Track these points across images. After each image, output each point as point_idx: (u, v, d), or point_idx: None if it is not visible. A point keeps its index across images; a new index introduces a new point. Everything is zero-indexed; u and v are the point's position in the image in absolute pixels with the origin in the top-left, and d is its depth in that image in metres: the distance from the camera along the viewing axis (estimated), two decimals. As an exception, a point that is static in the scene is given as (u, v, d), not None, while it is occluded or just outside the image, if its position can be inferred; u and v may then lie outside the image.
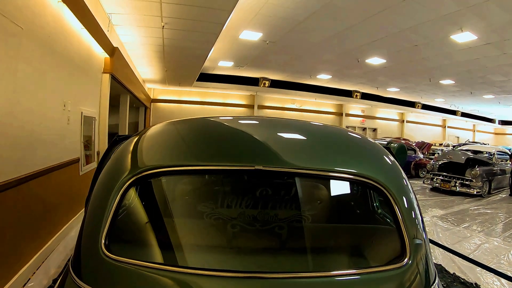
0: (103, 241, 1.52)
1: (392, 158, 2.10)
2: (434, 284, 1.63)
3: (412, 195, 1.87)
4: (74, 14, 5.48)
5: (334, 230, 2.06)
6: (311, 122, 2.67)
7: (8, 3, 3.47)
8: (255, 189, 1.84)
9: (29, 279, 4.21)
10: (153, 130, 2.20)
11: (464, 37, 10.81)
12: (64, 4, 5.07)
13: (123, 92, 11.85)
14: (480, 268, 5.49)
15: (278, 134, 2.17)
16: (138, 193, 1.78)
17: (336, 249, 1.93)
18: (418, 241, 1.65)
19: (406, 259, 1.57)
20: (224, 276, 1.47)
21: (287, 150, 1.86)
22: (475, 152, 14.02)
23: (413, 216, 1.74)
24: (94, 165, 7.37)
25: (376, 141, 2.47)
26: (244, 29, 11.25)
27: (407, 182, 1.94)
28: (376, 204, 2.18)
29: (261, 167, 1.66)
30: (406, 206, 1.73)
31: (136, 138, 2.07)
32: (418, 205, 1.87)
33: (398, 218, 1.67)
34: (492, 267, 5.58)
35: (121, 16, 8.18)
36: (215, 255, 1.78)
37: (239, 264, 1.74)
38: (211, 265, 1.62)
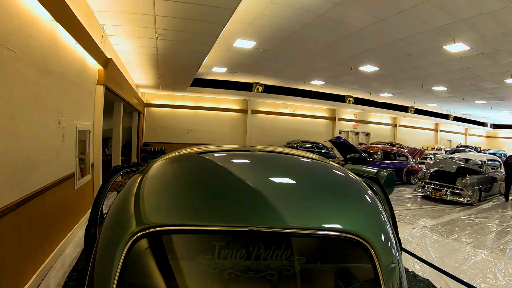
0: None
1: (376, 200, 2.21)
2: None
3: (395, 247, 1.96)
4: (68, 30, 5.52)
5: (322, 276, 2.17)
6: (302, 160, 2.79)
7: (1, 29, 3.50)
8: (249, 243, 1.96)
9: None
10: (154, 175, 2.30)
11: (457, 47, 10.98)
12: (58, 23, 5.11)
13: (116, 99, 11.86)
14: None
15: (271, 184, 2.28)
16: (142, 246, 1.90)
17: None
18: None
19: None
20: None
21: (278, 207, 1.98)
22: (466, 160, 14.15)
23: (394, 273, 1.84)
24: (89, 177, 7.40)
25: (365, 168, 2.53)
26: (238, 38, 11.33)
27: (391, 231, 2.03)
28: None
29: (254, 228, 1.81)
30: (388, 264, 1.83)
31: (138, 180, 2.18)
32: (400, 259, 1.96)
33: (379, 276, 1.78)
34: (478, 281, 5.69)
35: (115, 27, 8.22)
36: None
37: None
38: None
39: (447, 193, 12.23)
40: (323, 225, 1.89)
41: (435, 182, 12.89)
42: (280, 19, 9.37)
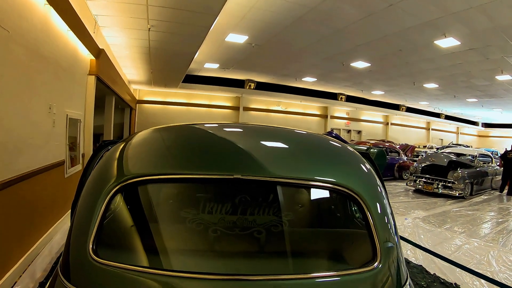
0: (90, 246, 1.59)
1: (368, 167, 2.17)
2: (406, 285, 1.71)
3: (385, 202, 1.93)
4: (61, 16, 5.50)
5: (311, 235, 2.15)
6: (295, 130, 2.74)
7: (-6, 7, 3.47)
8: (234, 196, 1.92)
9: (16, 282, 4.20)
10: (138, 137, 2.26)
11: (447, 42, 11.03)
12: (51, 7, 5.09)
13: (108, 93, 11.81)
14: (459, 269, 5.60)
15: (260, 142, 2.25)
16: (124, 199, 1.85)
17: (312, 253, 2.01)
18: (389, 246, 1.73)
19: (376, 263, 1.65)
20: (206, 279, 1.55)
21: (266, 159, 1.94)
22: (458, 155, 14.23)
23: (385, 222, 1.81)
24: (79, 167, 7.35)
25: (356, 146, 2.52)
26: (230, 32, 11.31)
27: (382, 189, 2.01)
28: (354, 209, 2.25)
29: (239, 176, 1.75)
30: (378, 212, 1.80)
31: (122, 145, 2.13)
32: (391, 212, 1.94)
33: (370, 224, 1.75)
34: (471, 267, 5.70)
35: (108, 18, 8.17)
36: (197, 258, 1.86)
37: (220, 267, 1.80)
38: (194, 268, 1.68)
39: (439, 186, 12.29)
40: (311, 176, 1.85)
41: (427, 176, 12.94)
42: (272, 13, 9.37)
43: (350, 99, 25.12)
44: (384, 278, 1.66)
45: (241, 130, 2.60)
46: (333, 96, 24.24)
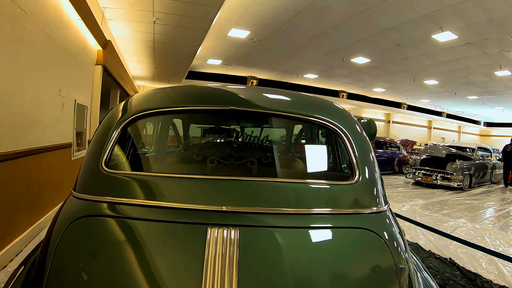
0: (104, 158, 1.77)
1: (356, 120, 2.34)
2: (385, 206, 1.87)
3: (365, 137, 2.11)
4: (72, 4, 5.75)
5: (300, 163, 2.44)
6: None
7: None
8: (229, 130, 2.17)
9: (22, 250, 4.42)
10: (142, 92, 2.51)
11: (444, 36, 11.20)
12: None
13: (113, 86, 12.02)
14: (454, 244, 5.76)
15: (255, 89, 2.52)
16: (134, 130, 2.14)
17: (302, 175, 2.25)
18: (367, 166, 1.91)
19: (356, 177, 1.84)
20: (205, 178, 1.77)
21: (260, 97, 2.20)
22: (458, 148, 14.35)
23: (364, 151, 1.98)
24: (85, 152, 7.55)
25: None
26: (232, 27, 11.56)
27: (365, 135, 2.18)
28: (339, 145, 2.45)
29: (234, 107, 1.97)
30: (357, 140, 1.99)
31: (129, 97, 2.37)
32: (371, 147, 2.10)
33: (347, 147, 1.95)
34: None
35: (115, 11, 8.41)
36: (195, 167, 2.20)
37: (218, 174, 2.07)
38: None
39: (438, 177, 12.45)
40: (300, 111, 2.08)
41: (426, 167, 13.10)
42: (272, 7, 9.61)
43: (352, 96, 25.32)
44: (364, 191, 1.86)
45: (242, 86, 2.84)
46: (334, 94, 24.36)
